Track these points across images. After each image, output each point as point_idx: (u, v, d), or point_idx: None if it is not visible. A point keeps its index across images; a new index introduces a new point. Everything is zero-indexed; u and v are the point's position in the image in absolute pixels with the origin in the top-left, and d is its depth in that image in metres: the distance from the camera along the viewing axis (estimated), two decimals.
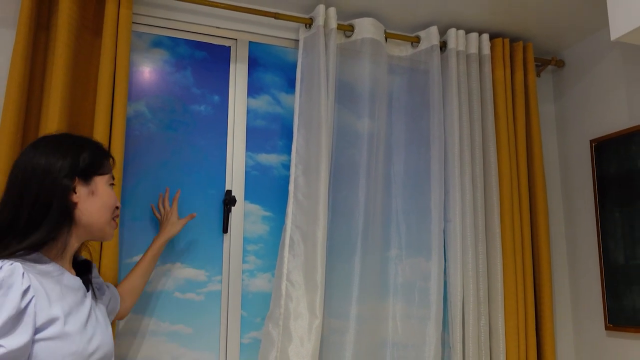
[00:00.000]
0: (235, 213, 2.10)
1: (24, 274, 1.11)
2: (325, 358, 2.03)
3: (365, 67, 2.24)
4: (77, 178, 1.25)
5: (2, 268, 1.10)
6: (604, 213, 2.35)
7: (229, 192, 2.10)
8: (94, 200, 1.28)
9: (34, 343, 1.10)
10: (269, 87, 2.24)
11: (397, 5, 2.25)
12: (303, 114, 2.15)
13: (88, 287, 1.31)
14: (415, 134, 2.31)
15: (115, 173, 1.61)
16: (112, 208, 1.32)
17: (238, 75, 2.19)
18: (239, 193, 2.12)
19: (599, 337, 2.35)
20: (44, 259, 1.21)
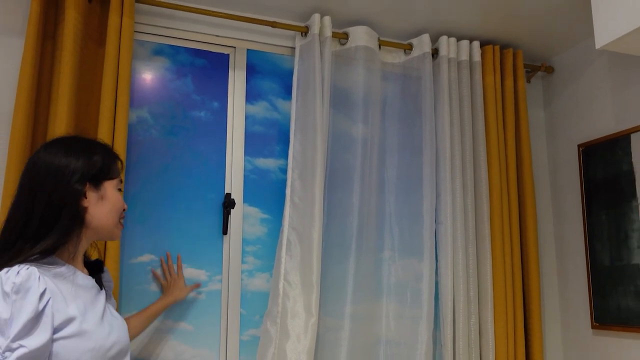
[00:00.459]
0: (235, 215, 2.13)
1: (40, 278, 1.14)
2: (321, 355, 2.05)
3: (360, 73, 2.26)
4: (88, 184, 1.27)
5: (19, 273, 1.12)
6: (591, 216, 2.38)
7: (229, 195, 2.13)
8: (103, 205, 1.30)
9: (54, 342, 1.14)
10: (267, 93, 2.26)
11: (390, 14, 2.28)
12: (299, 120, 2.17)
13: (101, 286, 1.35)
14: (408, 139, 2.34)
15: None
16: (119, 211, 1.34)
17: (236, 82, 2.22)
18: (238, 196, 2.15)
19: (586, 335, 2.39)
20: (58, 262, 1.24)
